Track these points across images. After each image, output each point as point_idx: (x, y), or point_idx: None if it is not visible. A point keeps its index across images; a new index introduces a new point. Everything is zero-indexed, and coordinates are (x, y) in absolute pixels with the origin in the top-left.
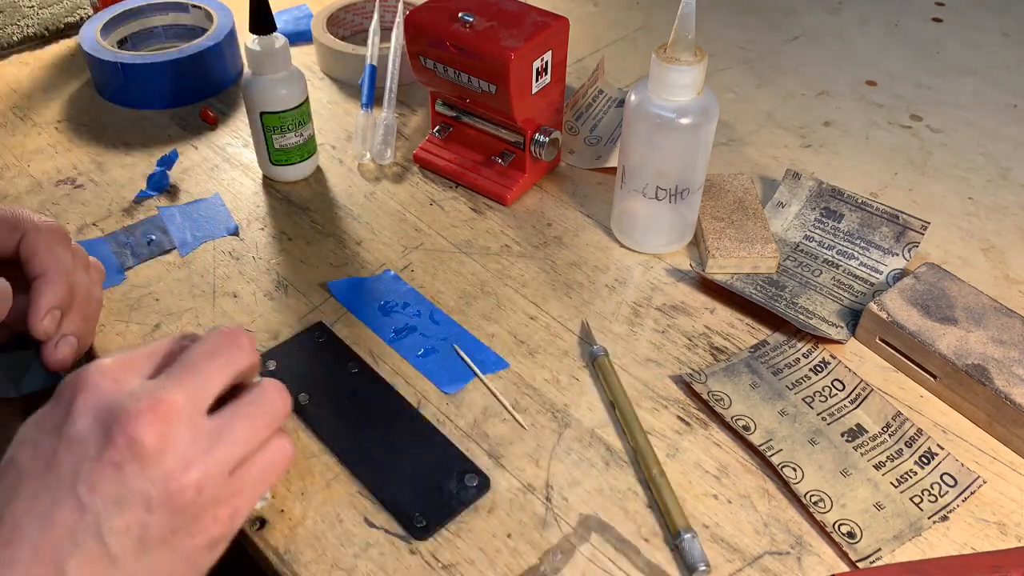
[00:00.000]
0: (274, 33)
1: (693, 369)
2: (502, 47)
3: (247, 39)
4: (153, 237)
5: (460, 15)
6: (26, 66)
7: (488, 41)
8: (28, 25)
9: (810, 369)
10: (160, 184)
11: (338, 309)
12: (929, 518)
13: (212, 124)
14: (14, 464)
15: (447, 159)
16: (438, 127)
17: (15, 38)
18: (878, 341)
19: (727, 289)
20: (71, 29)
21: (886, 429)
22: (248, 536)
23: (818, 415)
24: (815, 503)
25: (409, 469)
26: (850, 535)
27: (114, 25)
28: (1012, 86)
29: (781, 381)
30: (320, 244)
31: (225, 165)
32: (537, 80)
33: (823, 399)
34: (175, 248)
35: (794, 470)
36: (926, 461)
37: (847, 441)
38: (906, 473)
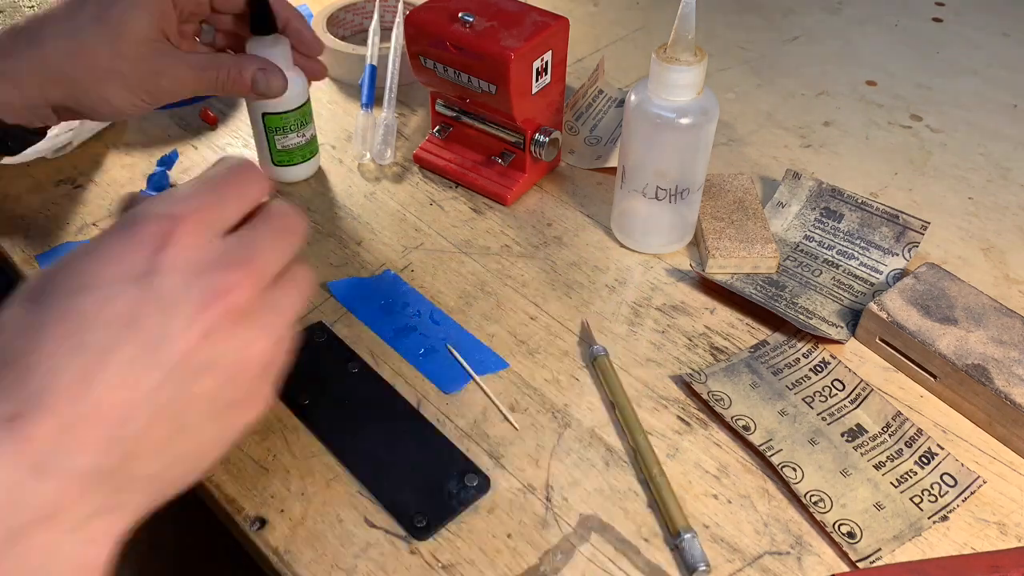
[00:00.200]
0: (274, 33)
1: (693, 369)
2: (502, 47)
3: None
4: None
5: (460, 15)
6: None
7: (488, 41)
8: None
9: (810, 369)
10: (160, 184)
11: (338, 309)
12: (929, 518)
13: (212, 124)
14: (76, 310)
15: (447, 159)
16: (438, 127)
17: None
18: (878, 341)
19: (727, 289)
20: None
21: (886, 429)
22: (248, 536)
23: (818, 415)
24: (815, 503)
25: (409, 469)
26: (850, 535)
27: None
28: (1012, 86)
29: (781, 381)
30: (320, 244)
31: None
32: (537, 80)
33: (823, 399)
34: None
35: (794, 470)
36: (926, 461)
37: (847, 441)
38: (906, 473)
